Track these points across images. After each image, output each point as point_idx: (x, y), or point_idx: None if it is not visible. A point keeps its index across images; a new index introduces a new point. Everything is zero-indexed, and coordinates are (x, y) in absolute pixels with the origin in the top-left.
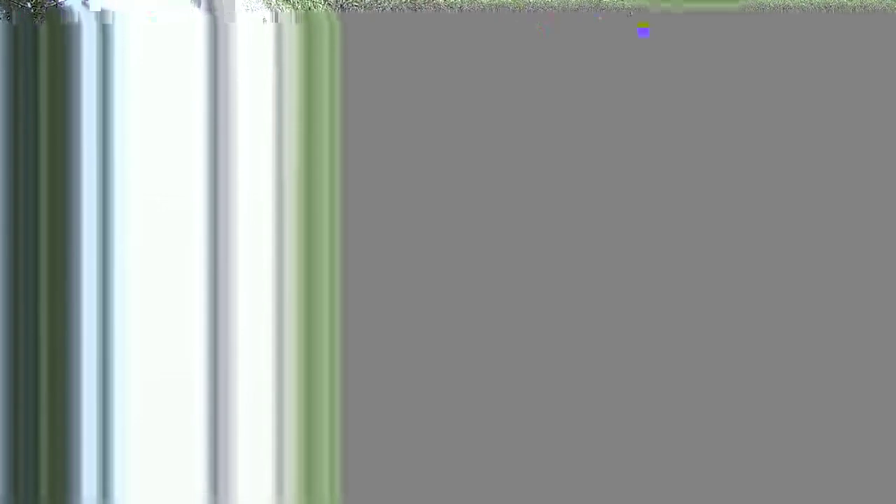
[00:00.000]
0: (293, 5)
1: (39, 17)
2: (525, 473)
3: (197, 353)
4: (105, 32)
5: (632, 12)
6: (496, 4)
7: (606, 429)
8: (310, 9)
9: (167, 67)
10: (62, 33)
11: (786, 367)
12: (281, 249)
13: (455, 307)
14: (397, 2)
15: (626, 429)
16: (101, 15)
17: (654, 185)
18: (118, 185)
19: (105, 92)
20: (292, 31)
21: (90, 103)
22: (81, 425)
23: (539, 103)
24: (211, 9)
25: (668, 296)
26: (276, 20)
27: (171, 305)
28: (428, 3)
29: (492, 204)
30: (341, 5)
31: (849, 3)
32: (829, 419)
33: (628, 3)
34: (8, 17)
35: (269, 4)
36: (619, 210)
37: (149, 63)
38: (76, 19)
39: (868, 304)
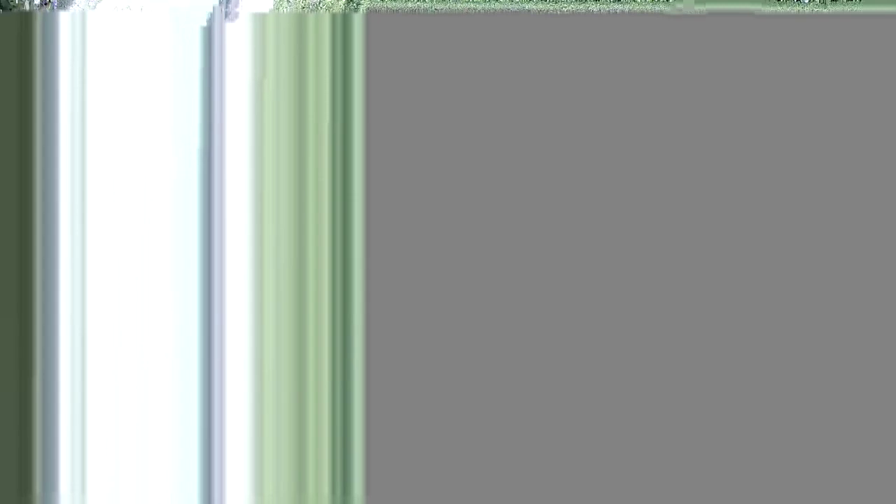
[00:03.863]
0: (280, 5)
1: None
2: (526, 474)
3: (194, 354)
4: (86, 31)
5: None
6: (495, 8)
7: (604, 428)
8: (303, 8)
9: (162, 65)
10: (46, 32)
11: (786, 367)
12: (277, 247)
13: (452, 308)
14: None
15: (634, 428)
16: (83, 14)
17: (668, 188)
18: (117, 185)
19: (88, 92)
20: (289, 31)
21: (73, 103)
22: (83, 427)
23: (546, 106)
24: (207, 8)
25: (675, 297)
26: (274, 19)
27: (170, 305)
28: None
29: (497, 205)
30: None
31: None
32: (829, 419)
33: (654, 6)
34: None
35: None
36: (635, 212)
37: (140, 61)
38: (58, 19)
39: (868, 305)
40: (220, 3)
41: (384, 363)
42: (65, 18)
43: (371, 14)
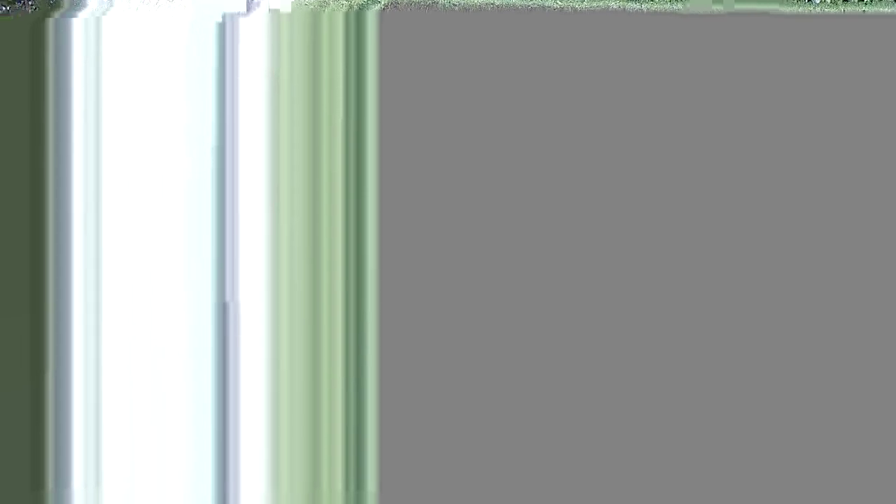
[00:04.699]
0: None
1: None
2: (540, 472)
3: (209, 350)
4: (100, 28)
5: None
6: (503, 4)
7: (618, 425)
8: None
9: (177, 62)
10: (59, 29)
11: (786, 368)
12: (292, 244)
13: (467, 304)
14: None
15: (647, 427)
16: (99, 8)
17: (691, 185)
18: (130, 183)
19: (102, 89)
20: (303, 27)
21: (86, 100)
22: (99, 423)
23: (562, 105)
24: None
25: (690, 297)
26: (288, 15)
27: (184, 303)
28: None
29: (513, 204)
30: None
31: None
32: (829, 420)
33: (663, 6)
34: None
35: None
36: (651, 212)
37: (155, 57)
38: (74, 14)
39: (868, 305)
40: None
41: (398, 359)
42: (79, 16)
43: (385, 10)
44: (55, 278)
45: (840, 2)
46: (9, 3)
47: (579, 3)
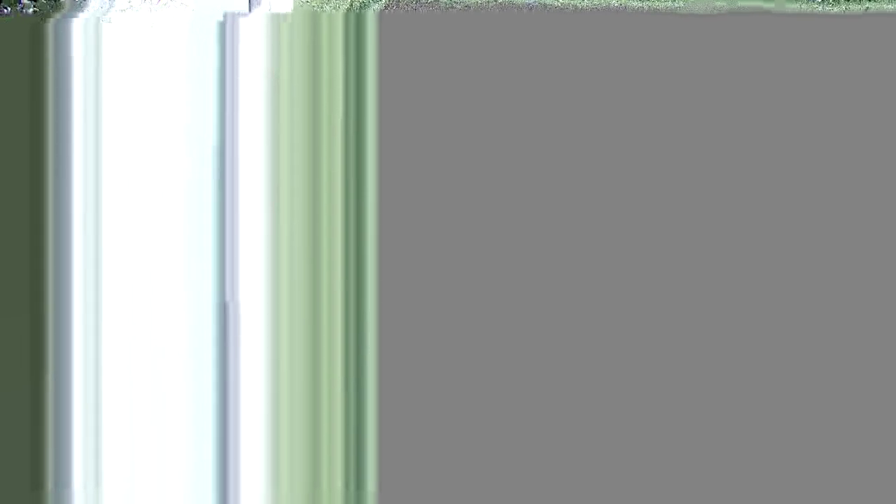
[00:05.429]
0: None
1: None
2: (539, 472)
3: (209, 350)
4: (100, 29)
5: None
6: (505, 3)
7: (616, 425)
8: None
9: (177, 62)
10: (59, 29)
11: (786, 368)
12: (292, 245)
13: (466, 304)
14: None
15: (646, 427)
16: (98, 9)
17: (690, 185)
18: (132, 184)
19: (102, 89)
20: (303, 28)
21: (86, 100)
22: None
23: (562, 105)
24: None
25: (689, 296)
26: (288, 17)
27: (185, 303)
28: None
29: (512, 204)
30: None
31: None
32: (830, 420)
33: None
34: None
35: None
36: (650, 212)
37: (155, 58)
38: (75, 15)
39: (868, 305)
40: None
41: (398, 359)
42: (79, 16)
43: (385, 10)
44: (55, 278)
45: (842, 0)
46: (10, 3)
47: (580, 1)
